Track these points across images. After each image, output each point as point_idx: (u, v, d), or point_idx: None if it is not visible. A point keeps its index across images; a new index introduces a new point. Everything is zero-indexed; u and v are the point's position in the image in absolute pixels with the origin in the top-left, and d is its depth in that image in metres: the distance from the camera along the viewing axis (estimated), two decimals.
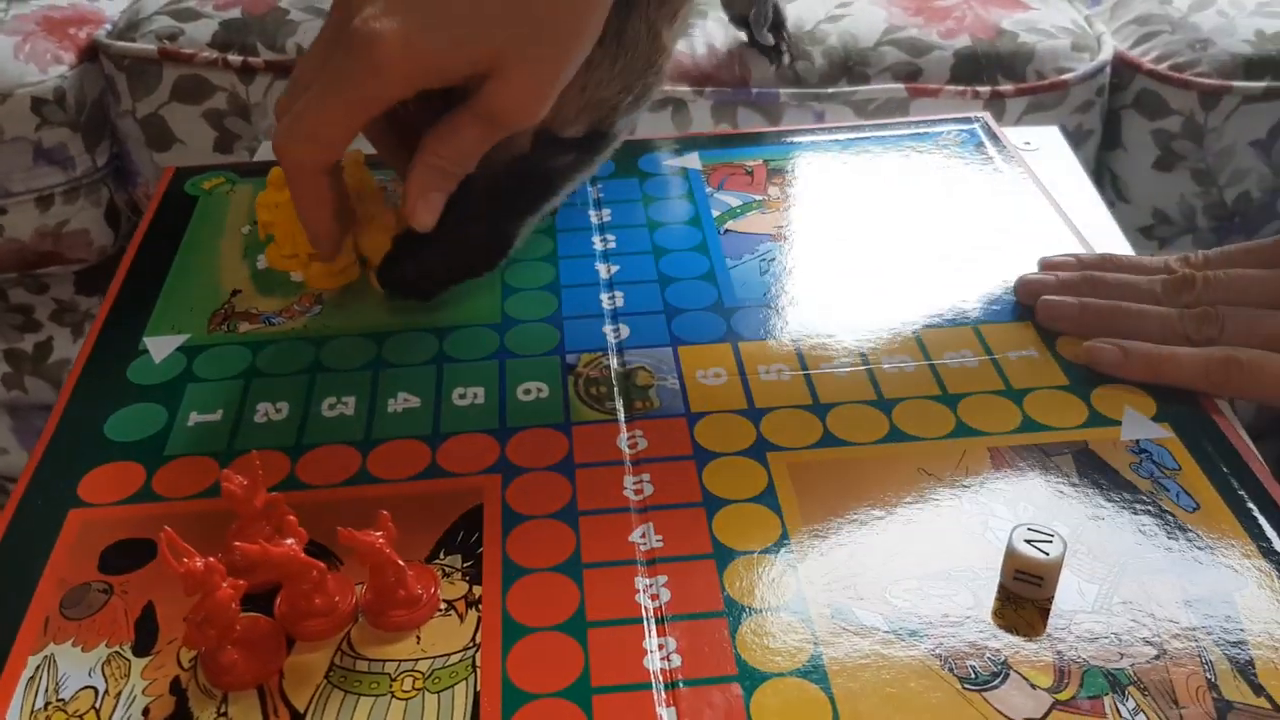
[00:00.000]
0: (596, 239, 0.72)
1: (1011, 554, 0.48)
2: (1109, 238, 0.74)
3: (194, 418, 0.59)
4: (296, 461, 0.56)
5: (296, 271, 0.69)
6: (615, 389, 0.60)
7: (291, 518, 0.49)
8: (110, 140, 1.04)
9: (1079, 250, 0.69)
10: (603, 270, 0.69)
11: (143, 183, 1.05)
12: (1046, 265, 0.66)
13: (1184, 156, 1.03)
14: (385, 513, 0.47)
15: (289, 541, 0.47)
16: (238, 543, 0.46)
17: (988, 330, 0.63)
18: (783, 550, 0.51)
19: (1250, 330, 0.57)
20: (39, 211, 1.01)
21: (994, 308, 0.65)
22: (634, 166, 0.79)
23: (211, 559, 0.45)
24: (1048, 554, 0.47)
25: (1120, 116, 1.09)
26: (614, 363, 0.62)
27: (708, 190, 0.77)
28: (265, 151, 1.02)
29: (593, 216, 0.74)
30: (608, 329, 0.64)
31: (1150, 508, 0.52)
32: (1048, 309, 0.63)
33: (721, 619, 0.48)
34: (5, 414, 1.30)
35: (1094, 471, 0.54)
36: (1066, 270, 0.65)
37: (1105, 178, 1.10)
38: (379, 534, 0.47)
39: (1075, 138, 1.08)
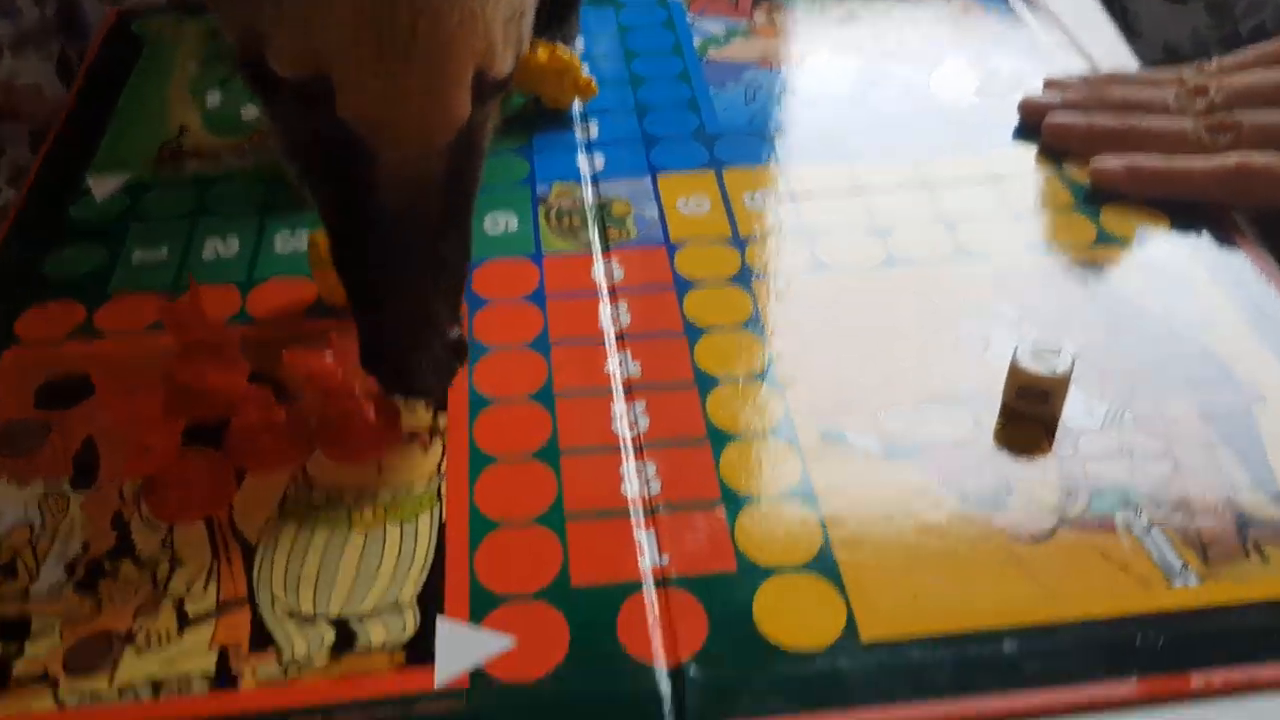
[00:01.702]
0: None
1: (1015, 370, 0.44)
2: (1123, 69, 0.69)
3: (138, 255, 0.55)
4: (247, 295, 0.52)
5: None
6: (589, 218, 0.56)
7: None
8: None
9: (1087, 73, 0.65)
10: (576, 100, 0.64)
11: (94, 34, 0.99)
12: (1051, 84, 0.61)
13: None
14: (334, 335, 0.43)
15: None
16: (176, 374, 0.42)
17: (991, 153, 0.59)
18: (769, 376, 0.47)
19: (1268, 133, 0.53)
20: None
21: (997, 132, 0.61)
22: None
23: (145, 393, 0.41)
24: (1055, 369, 0.44)
25: None
26: (589, 193, 0.57)
27: (689, 18, 0.71)
28: None
29: None
30: (581, 159, 0.60)
31: (1164, 324, 0.49)
32: (1053, 128, 0.58)
33: (704, 445, 0.44)
34: None
35: (1106, 290, 0.51)
36: (1072, 89, 0.60)
37: (1115, 9, 1.04)
38: (328, 353, 0.43)
39: None
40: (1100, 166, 0.55)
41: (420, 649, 0.38)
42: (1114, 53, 0.70)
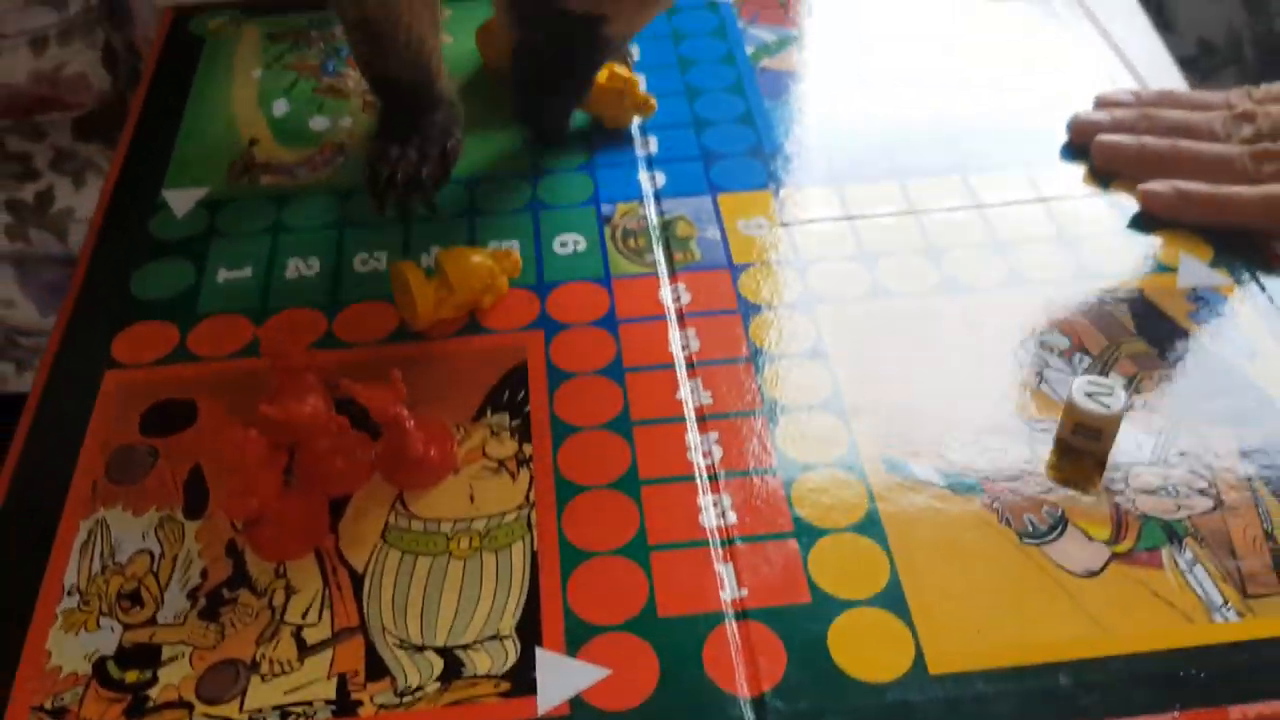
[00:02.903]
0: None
1: (1072, 408, 0.47)
2: (1161, 69, 0.71)
3: (223, 274, 0.57)
4: (333, 319, 0.55)
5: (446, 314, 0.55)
6: (655, 240, 0.58)
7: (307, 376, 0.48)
8: None
9: (1129, 81, 0.66)
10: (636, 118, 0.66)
11: (141, 24, 1.00)
12: (1102, 102, 0.63)
13: None
14: (396, 371, 0.46)
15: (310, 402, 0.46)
16: (263, 407, 0.45)
17: (1040, 173, 0.61)
18: (834, 405, 0.50)
19: None
20: (33, 54, 0.97)
21: (1045, 148, 0.63)
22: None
23: (253, 431, 0.44)
24: (1109, 407, 0.47)
25: None
26: (652, 213, 0.60)
27: (740, 24, 0.73)
28: None
29: None
30: (643, 176, 0.62)
31: (1207, 358, 0.51)
32: (1103, 149, 0.60)
33: (775, 475, 0.47)
34: (9, 266, 1.28)
35: (1151, 320, 0.53)
36: (1123, 108, 0.62)
37: (1150, 3, 1.04)
38: (388, 390, 0.46)
39: None
40: (1149, 189, 0.57)
41: (522, 678, 0.41)
42: (1148, 48, 0.72)
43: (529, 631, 0.42)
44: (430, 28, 0.60)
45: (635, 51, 0.70)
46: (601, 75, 0.62)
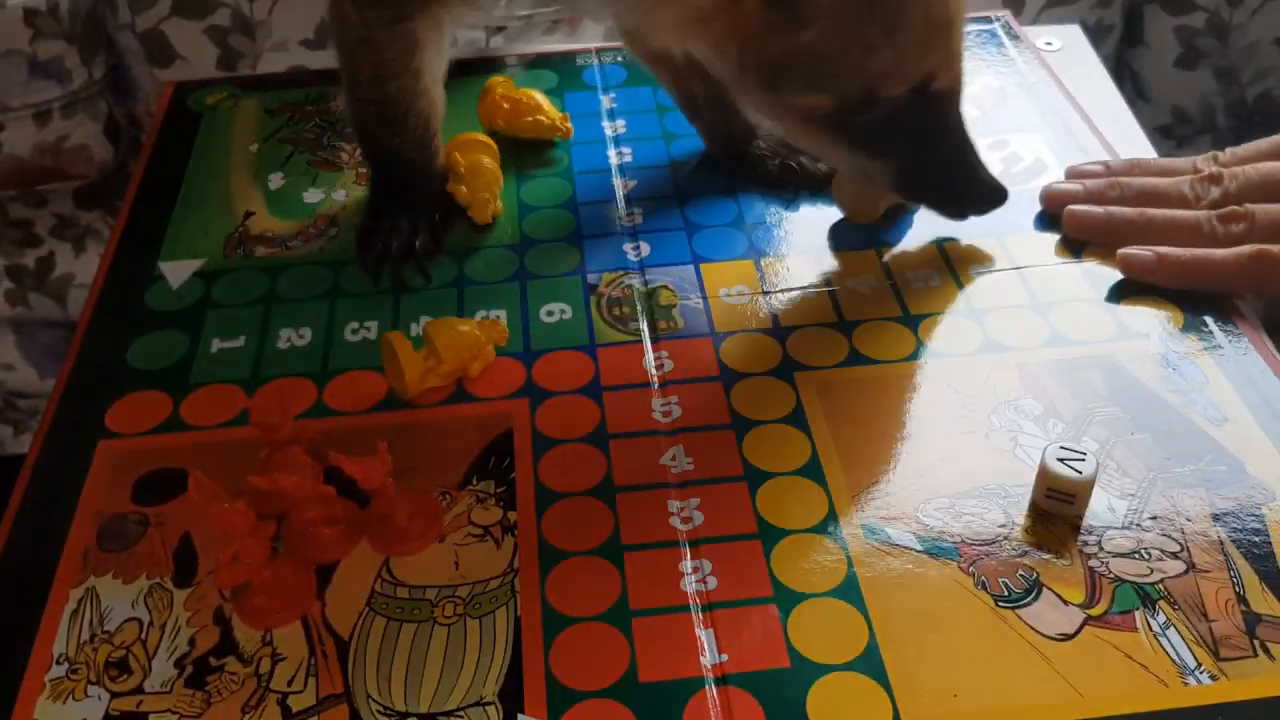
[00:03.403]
0: (611, 152, 0.71)
1: (1045, 472, 0.48)
2: (1131, 139, 0.73)
3: (216, 344, 0.58)
4: (323, 388, 0.56)
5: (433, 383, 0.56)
6: (639, 309, 0.59)
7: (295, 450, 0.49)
8: (107, 53, 1.01)
9: (1101, 153, 0.68)
10: (619, 185, 0.68)
11: (143, 97, 1.03)
12: (1072, 174, 0.65)
13: (1207, 54, 1.00)
14: (383, 443, 0.47)
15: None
16: (250, 478, 0.46)
17: (1012, 241, 0.63)
18: (813, 470, 0.51)
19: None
20: (37, 127, 0.99)
21: (1018, 217, 0.64)
22: (646, 74, 0.77)
23: (241, 502, 0.45)
24: (1081, 472, 0.48)
25: (1143, 11, 1.06)
26: (636, 282, 0.61)
27: None
28: (267, 64, 1.00)
29: (606, 129, 0.73)
30: (628, 247, 0.63)
31: (1179, 422, 0.52)
32: (1074, 218, 0.62)
33: (755, 541, 0.48)
34: (9, 330, 1.29)
35: (1123, 386, 0.54)
36: (1093, 178, 0.64)
37: (1125, 75, 1.07)
38: (374, 461, 0.47)
39: (1096, 33, 1.05)
40: (1128, 254, 0.59)
41: None
42: (1117, 116, 0.74)
43: (512, 698, 0.43)
44: (437, 109, 0.62)
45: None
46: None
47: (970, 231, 0.63)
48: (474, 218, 0.64)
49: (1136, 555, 0.47)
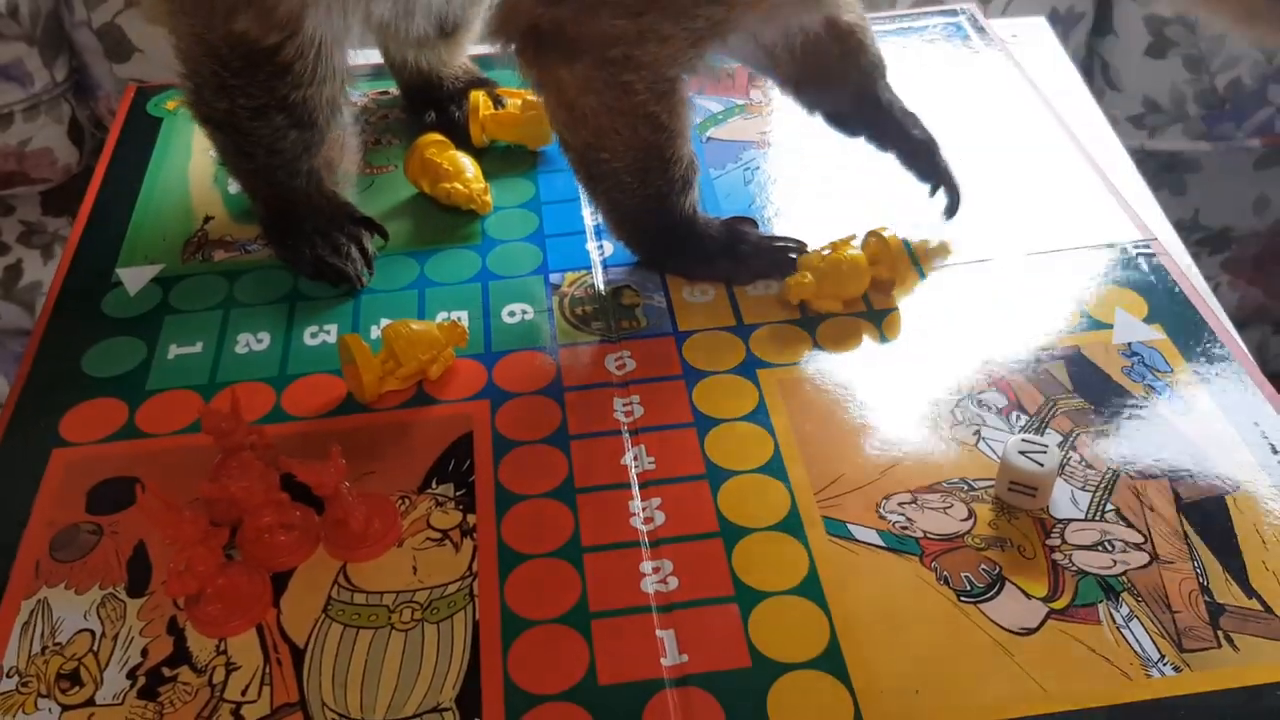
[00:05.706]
0: None
1: (1007, 465, 0.48)
2: (1095, 131, 0.73)
3: (173, 350, 0.58)
4: (281, 392, 0.55)
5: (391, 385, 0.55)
6: (601, 308, 0.59)
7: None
8: (69, 54, 1.00)
9: (1065, 143, 0.68)
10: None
11: (104, 96, 1.02)
12: None
13: (1176, 43, 1.01)
14: (336, 447, 0.47)
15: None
16: (202, 485, 0.46)
17: (974, 234, 0.62)
18: (776, 468, 0.50)
19: None
20: None
21: (982, 210, 0.64)
22: None
23: (190, 510, 0.44)
24: (1043, 465, 0.47)
25: (1112, 1, 1.06)
26: (599, 281, 0.61)
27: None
28: None
29: None
30: (591, 246, 0.63)
31: (1143, 413, 0.52)
32: None
33: (717, 540, 0.47)
34: None
35: (1087, 377, 0.54)
36: None
37: (1095, 65, 1.07)
38: (327, 466, 0.46)
39: (1066, 22, 1.05)
40: None
41: None
42: (1082, 108, 0.74)
43: (469, 703, 0.42)
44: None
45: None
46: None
47: (932, 225, 0.63)
48: (477, 210, 0.64)
49: (1099, 547, 0.47)
